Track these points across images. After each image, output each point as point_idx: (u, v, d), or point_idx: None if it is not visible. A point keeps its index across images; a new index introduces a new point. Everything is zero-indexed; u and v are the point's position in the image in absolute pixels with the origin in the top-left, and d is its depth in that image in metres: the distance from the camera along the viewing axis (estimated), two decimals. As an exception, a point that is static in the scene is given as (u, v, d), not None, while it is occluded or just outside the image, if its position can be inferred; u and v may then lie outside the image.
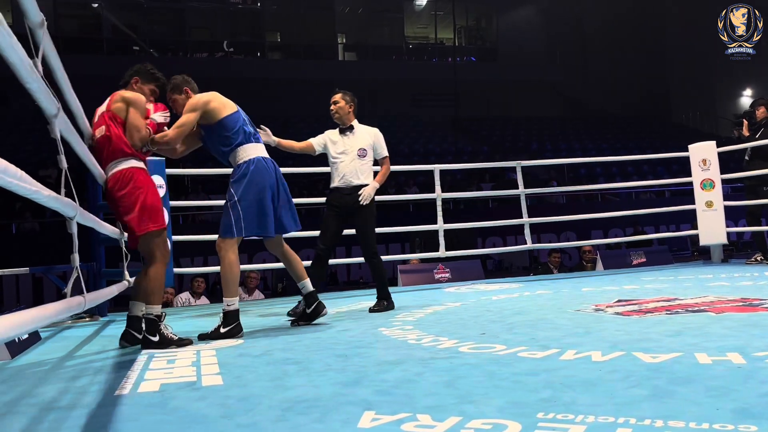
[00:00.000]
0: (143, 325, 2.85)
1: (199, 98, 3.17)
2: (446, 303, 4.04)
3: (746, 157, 5.68)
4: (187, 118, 3.11)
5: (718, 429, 1.31)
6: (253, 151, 3.17)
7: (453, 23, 21.61)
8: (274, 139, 3.87)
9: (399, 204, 12.22)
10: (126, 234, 2.99)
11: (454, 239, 6.46)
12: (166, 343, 2.82)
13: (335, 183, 3.94)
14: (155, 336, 2.81)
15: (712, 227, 5.81)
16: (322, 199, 4.47)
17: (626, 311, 3.10)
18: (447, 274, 5.81)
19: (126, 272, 3.62)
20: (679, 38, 22.62)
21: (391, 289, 4.00)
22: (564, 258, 8.92)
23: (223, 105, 3.19)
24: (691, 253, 9.79)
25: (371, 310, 3.82)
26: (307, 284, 3.34)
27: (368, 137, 3.98)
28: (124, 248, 3.46)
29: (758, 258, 5.57)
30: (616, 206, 13.09)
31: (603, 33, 22.60)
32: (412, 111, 20.38)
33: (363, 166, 3.91)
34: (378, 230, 6.12)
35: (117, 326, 3.86)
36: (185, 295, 6.68)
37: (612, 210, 7.63)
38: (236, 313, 3.07)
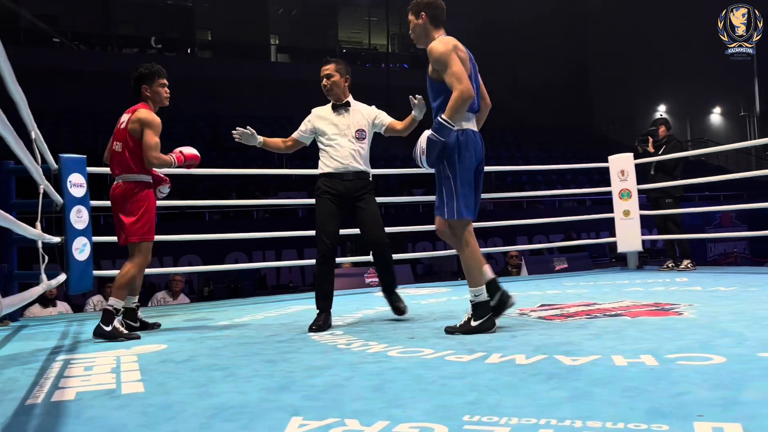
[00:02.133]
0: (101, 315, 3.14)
1: (447, 42, 2.77)
2: (376, 307, 4.06)
3: (651, 171, 6.06)
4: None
5: (633, 428, 1.37)
6: (468, 124, 2.79)
7: (387, 30, 21.80)
8: (259, 139, 3.46)
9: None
10: (121, 233, 3.31)
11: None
12: (116, 335, 3.07)
13: (329, 168, 3.36)
14: (108, 326, 3.08)
15: (628, 235, 6.09)
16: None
17: (549, 315, 3.20)
18: (377, 279, 5.82)
19: (43, 275, 3.44)
20: (603, 54, 23.71)
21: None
22: (490, 263, 9.13)
23: (464, 60, 2.76)
24: (609, 259, 10.23)
25: (398, 311, 3.36)
26: (486, 271, 2.85)
27: (366, 118, 3.45)
28: (41, 250, 3.30)
29: (670, 265, 5.89)
30: (540, 213, 13.54)
31: (532, 45, 23.37)
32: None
33: (362, 150, 3.41)
34: (308, 234, 6.08)
35: (30, 331, 3.66)
36: (161, 294, 6.45)
37: (536, 217, 7.89)
38: (487, 304, 2.75)
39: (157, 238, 5.84)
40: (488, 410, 1.55)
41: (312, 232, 3.54)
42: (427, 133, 2.76)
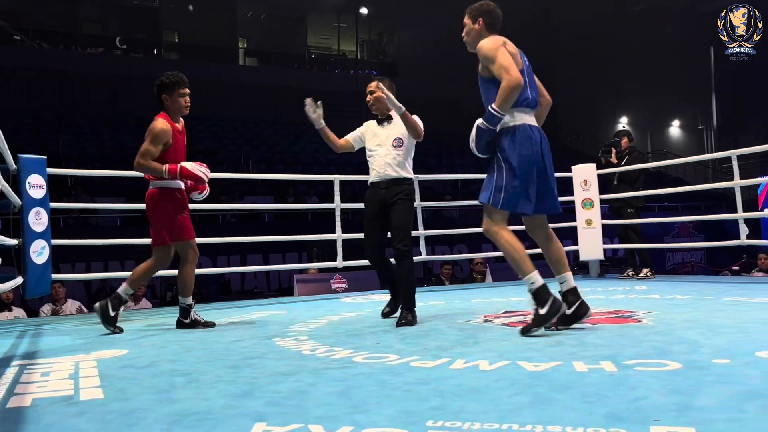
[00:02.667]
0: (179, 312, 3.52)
1: (496, 40, 2.85)
2: (342, 313, 4.05)
3: (614, 182, 6.20)
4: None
5: (591, 432, 1.40)
6: (523, 117, 2.80)
7: (356, 36, 21.85)
8: (322, 123, 3.57)
9: (298, 213, 12.14)
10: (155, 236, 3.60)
11: (352, 249, 6.50)
12: (194, 324, 3.48)
13: (372, 178, 3.62)
14: (186, 319, 3.50)
15: (590, 244, 6.21)
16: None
17: (512, 322, 3.24)
18: (344, 285, 5.83)
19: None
20: (567, 67, 24.19)
21: (287, 298, 3.95)
22: (456, 270, 9.20)
23: (513, 55, 2.83)
24: (571, 267, 10.40)
25: (398, 324, 3.24)
26: (568, 279, 2.86)
27: (403, 126, 3.57)
28: None
29: (630, 273, 6.02)
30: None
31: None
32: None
33: (399, 157, 3.55)
34: (275, 239, 6.03)
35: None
36: (48, 305, 6.28)
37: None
38: (544, 287, 2.70)
39: (119, 241, 5.74)
40: (452, 415, 1.57)
41: (278, 238, 3.72)
42: (478, 121, 2.84)
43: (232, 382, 2.07)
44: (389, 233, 3.54)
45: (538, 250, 3.09)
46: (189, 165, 3.52)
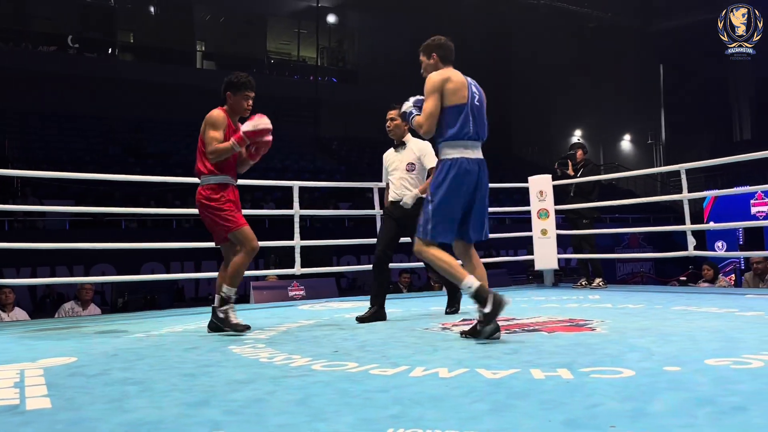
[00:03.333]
0: (215, 301, 3.37)
1: (435, 77, 3.02)
2: (300, 321, 4.01)
3: (571, 194, 6.34)
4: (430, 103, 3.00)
5: (550, 439, 1.42)
6: (461, 151, 2.97)
7: (316, 42, 21.79)
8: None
9: (255, 219, 11.99)
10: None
11: (310, 257, 6.45)
12: (227, 323, 3.34)
13: (391, 197, 4.14)
14: (222, 313, 3.35)
15: (545, 253, 6.32)
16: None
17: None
18: (301, 292, 5.77)
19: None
20: (523, 80, 24.69)
21: (243, 306, 3.91)
22: (414, 278, 9.25)
23: (456, 90, 2.99)
24: (526, 276, 10.58)
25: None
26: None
27: (416, 151, 4.08)
28: None
29: (583, 282, 6.16)
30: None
31: (458, 67, 23.97)
32: (272, 126, 20.23)
33: (412, 180, 4.07)
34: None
35: None
36: (69, 305, 6.05)
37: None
38: (482, 287, 2.84)
39: (67, 245, 5.56)
40: (412, 423, 1.57)
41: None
42: (410, 107, 3.20)
43: (187, 390, 2.02)
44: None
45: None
46: (248, 125, 3.40)
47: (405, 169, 4.08)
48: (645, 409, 1.64)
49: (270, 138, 3.53)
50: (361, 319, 3.79)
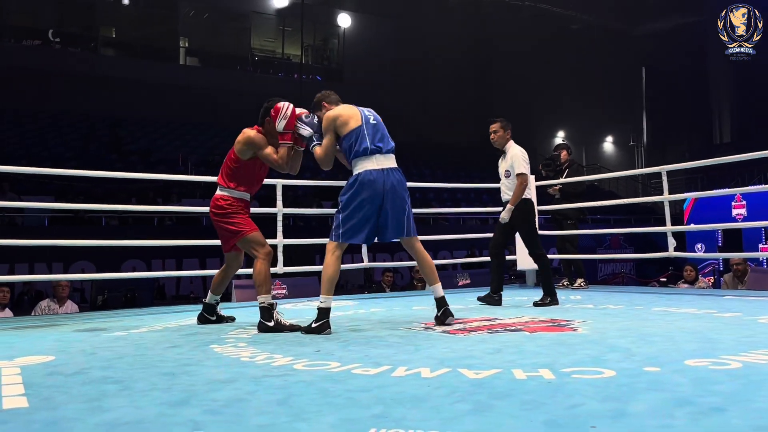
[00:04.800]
0: (259, 313, 3.40)
1: (327, 117, 3.40)
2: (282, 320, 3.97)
3: (557, 195, 6.36)
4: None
5: (531, 439, 1.42)
6: (364, 165, 3.31)
7: (301, 40, 21.70)
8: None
9: (236, 217, 11.91)
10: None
11: (292, 255, 6.42)
12: (280, 328, 3.32)
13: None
14: (270, 321, 3.35)
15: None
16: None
17: (453, 330, 3.27)
18: (284, 291, 5.75)
19: None
20: (506, 82, 24.82)
21: (225, 304, 3.90)
22: (396, 277, 9.25)
23: (346, 121, 3.36)
24: (508, 276, 10.62)
25: (536, 304, 4.41)
26: (438, 290, 3.45)
27: (508, 161, 4.62)
28: None
29: (565, 283, 6.20)
30: (445, 230, 13.88)
31: (441, 68, 24.03)
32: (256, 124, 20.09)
33: (509, 184, 4.61)
34: (211, 243, 5.92)
35: None
36: (45, 302, 5.95)
37: (442, 233, 8.09)
38: (327, 311, 3.22)
39: (47, 242, 5.48)
40: (394, 423, 1.56)
41: (215, 242, 3.95)
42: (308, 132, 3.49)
43: (167, 389, 2.00)
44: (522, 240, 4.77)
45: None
46: (282, 122, 3.48)
47: (504, 175, 4.66)
48: (625, 410, 1.65)
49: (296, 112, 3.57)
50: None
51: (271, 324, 3.34)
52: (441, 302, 3.45)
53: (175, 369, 2.35)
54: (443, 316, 3.43)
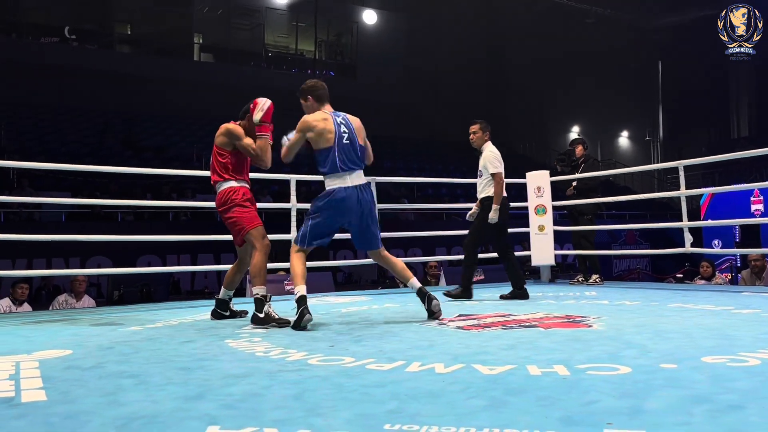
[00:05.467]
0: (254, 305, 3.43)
1: (305, 121, 3.49)
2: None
3: (573, 190, 6.32)
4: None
5: (547, 436, 1.41)
6: (335, 182, 3.45)
7: (314, 35, 21.70)
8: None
9: (250, 213, 11.98)
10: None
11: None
12: (269, 320, 3.35)
13: None
14: (261, 313, 3.38)
15: (542, 249, 6.32)
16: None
17: (466, 325, 3.27)
18: (297, 286, 5.75)
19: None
20: (520, 76, 24.65)
21: (238, 299, 3.92)
22: (413, 273, 9.23)
23: (319, 136, 3.44)
24: (522, 272, 10.56)
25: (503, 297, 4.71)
26: (414, 283, 3.58)
27: (483, 159, 4.78)
28: None
29: (580, 279, 6.16)
30: (459, 225, 13.83)
31: (454, 64, 23.91)
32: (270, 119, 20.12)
33: (481, 184, 4.80)
34: (227, 238, 5.97)
35: None
36: (63, 297, 6.04)
37: (455, 229, 8.03)
38: (304, 299, 3.30)
39: (63, 237, 5.54)
40: (408, 419, 1.56)
41: (229, 237, 3.96)
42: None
43: (183, 384, 2.01)
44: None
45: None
46: (259, 114, 3.60)
47: (479, 174, 4.81)
48: (641, 407, 1.63)
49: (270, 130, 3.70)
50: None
51: (262, 316, 3.39)
52: (422, 292, 3.59)
53: (191, 363, 2.36)
54: (430, 304, 3.55)
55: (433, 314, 3.51)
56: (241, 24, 22.08)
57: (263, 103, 3.62)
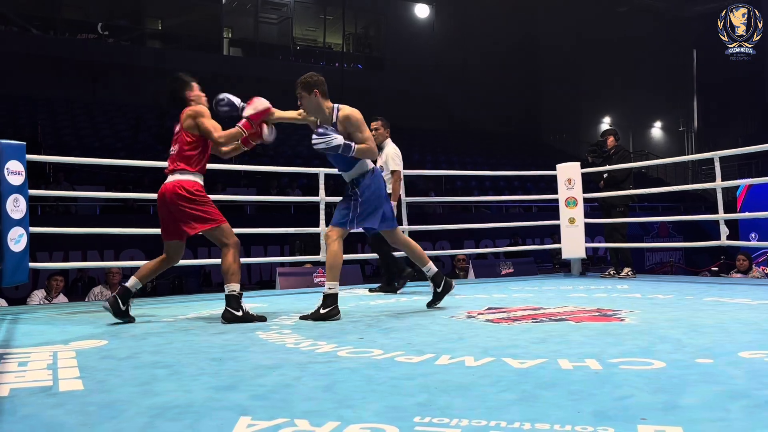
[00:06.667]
0: (225, 301, 3.29)
1: (359, 117, 3.53)
2: (324, 307, 4.01)
3: (603, 182, 6.22)
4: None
5: (580, 431, 1.40)
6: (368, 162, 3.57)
7: (342, 29, 21.71)
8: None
9: (280, 206, 12.07)
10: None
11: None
12: (249, 318, 3.27)
13: None
14: (238, 311, 3.28)
15: (573, 242, 6.24)
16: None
17: (496, 318, 3.25)
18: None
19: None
20: (552, 66, 24.30)
21: (269, 292, 3.95)
22: (437, 266, 9.21)
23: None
24: (552, 265, 10.46)
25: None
26: (432, 267, 3.71)
27: (384, 155, 4.88)
28: None
29: (611, 272, 6.07)
30: (487, 218, 13.75)
31: (484, 54, 23.71)
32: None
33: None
34: (256, 231, 6.03)
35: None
36: (98, 289, 6.19)
37: (484, 222, 8.01)
38: (335, 296, 3.33)
39: (98, 230, 5.64)
40: (439, 411, 1.56)
41: (259, 230, 3.92)
42: (340, 141, 3.41)
43: (215, 374, 2.04)
44: None
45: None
46: (249, 110, 3.57)
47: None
48: (677, 402, 1.60)
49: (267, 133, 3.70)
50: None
51: (240, 313, 3.27)
52: (439, 275, 3.74)
53: (222, 354, 2.40)
54: (445, 286, 3.72)
55: (447, 291, 3.74)
56: (269, 18, 22.19)
57: (258, 103, 3.56)
